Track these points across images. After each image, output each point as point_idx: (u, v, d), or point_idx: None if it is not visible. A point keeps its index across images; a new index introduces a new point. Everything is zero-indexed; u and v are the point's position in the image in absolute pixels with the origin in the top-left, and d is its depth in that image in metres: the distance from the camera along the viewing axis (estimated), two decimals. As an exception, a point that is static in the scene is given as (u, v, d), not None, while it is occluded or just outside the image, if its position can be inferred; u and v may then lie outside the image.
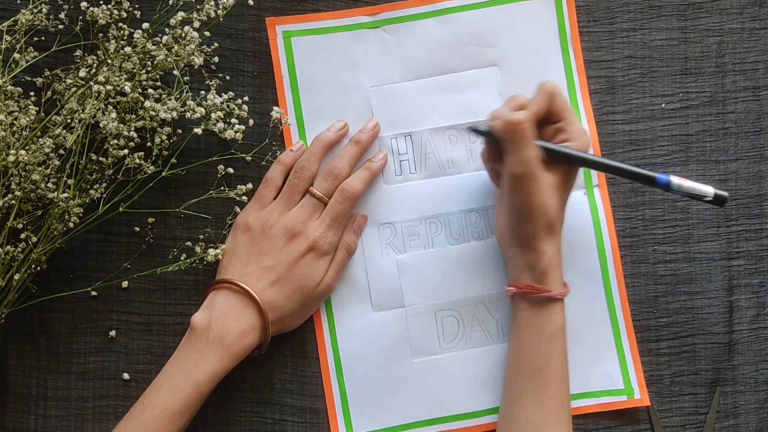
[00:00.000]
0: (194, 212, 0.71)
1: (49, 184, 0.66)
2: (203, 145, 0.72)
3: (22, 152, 0.63)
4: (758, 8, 0.74)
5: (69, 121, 0.65)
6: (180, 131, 0.70)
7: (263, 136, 0.72)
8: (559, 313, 0.66)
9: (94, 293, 0.71)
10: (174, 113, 0.66)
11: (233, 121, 0.68)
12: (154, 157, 0.68)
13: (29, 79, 0.70)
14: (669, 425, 0.72)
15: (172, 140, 0.69)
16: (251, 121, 0.71)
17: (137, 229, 0.71)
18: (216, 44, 0.71)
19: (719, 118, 0.74)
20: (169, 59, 0.66)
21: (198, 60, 0.67)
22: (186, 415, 0.64)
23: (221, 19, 0.68)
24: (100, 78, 0.65)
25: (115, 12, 0.67)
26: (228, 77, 0.72)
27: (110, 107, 0.66)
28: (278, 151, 0.72)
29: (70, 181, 0.66)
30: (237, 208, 0.71)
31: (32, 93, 0.69)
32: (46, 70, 0.70)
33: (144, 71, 0.67)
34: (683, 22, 0.74)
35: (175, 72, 0.67)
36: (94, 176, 0.67)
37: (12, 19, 0.66)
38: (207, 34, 0.69)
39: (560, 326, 0.66)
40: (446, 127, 0.72)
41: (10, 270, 0.65)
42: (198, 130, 0.66)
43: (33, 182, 0.65)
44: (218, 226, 0.71)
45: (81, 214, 0.66)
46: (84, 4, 0.67)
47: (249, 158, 0.72)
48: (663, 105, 0.74)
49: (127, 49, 0.66)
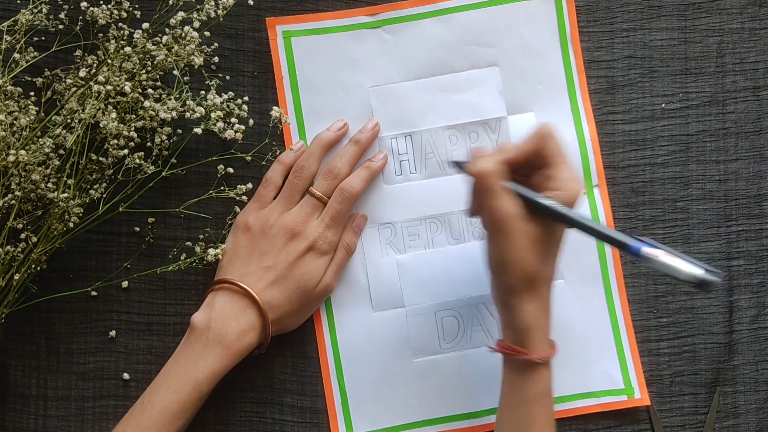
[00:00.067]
0: (194, 212, 0.71)
1: (49, 184, 0.66)
2: (203, 145, 0.72)
3: (22, 152, 0.63)
4: (758, 8, 0.74)
5: (69, 121, 0.65)
6: (180, 131, 0.70)
7: (263, 136, 0.72)
8: (542, 378, 0.60)
9: (94, 293, 0.71)
10: (174, 113, 0.66)
11: (233, 121, 0.68)
12: (154, 157, 0.68)
13: (29, 79, 0.70)
14: (669, 425, 0.72)
15: (172, 140, 0.69)
16: (251, 121, 0.71)
17: (137, 229, 0.71)
18: (216, 44, 0.71)
19: (719, 118, 0.74)
20: (169, 59, 0.66)
21: (198, 60, 0.67)
22: (185, 414, 0.64)
23: (221, 19, 0.68)
24: (100, 78, 0.65)
25: (115, 12, 0.67)
26: (228, 77, 0.72)
27: (110, 107, 0.66)
28: (278, 151, 0.72)
29: (70, 181, 0.66)
30: (237, 208, 0.71)
31: (32, 93, 0.69)
32: (46, 70, 0.70)
33: (144, 71, 0.67)
34: (683, 22, 0.74)
35: (175, 72, 0.67)
36: (94, 176, 0.67)
37: (12, 19, 0.66)
38: (207, 34, 0.69)
39: (542, 391, 0.60)
40: (446, 127, 0.72)
41: (10, 270, 0.65)
42: (198, 130, 0.66)
43: (33, 182, 0.65)
44: (218, 226, 0.71)
45: (81, 214, 0.66)
46: (84, 4, 0.67)
47: (249, 158, 0.72)
48: (663, 105, 0.74)
49: (127, 49, 0.66)
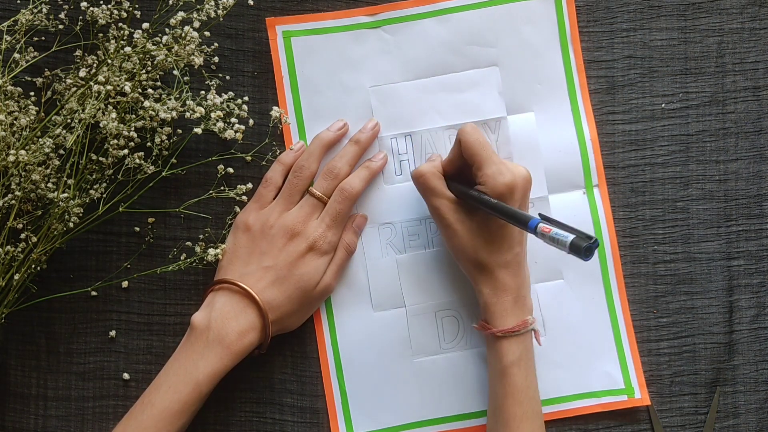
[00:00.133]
0: (194, 212, 0.71)
1: (49, 184, 0.66)
2: (203, 145, 0.72)
3: (22, 152, 0.63)
4: (758, 8, 0.74)
5: (69, 121, 0.65)
6: (180, 131, 0.70)
7: (263, 136, 0.72)
8: (508, 350, 0.64)
9: (94, 293, 0.71)
10: (174, 113, 0.66)
11: (233, 120, 0.68)
12: (154, 157, 0.68)
13: (29, 79, 0.70)
14: (669, 425, 0.72)
15: (172, 140, 0.69)
16: (251, 121, 0.71)
17: (137, 229, 0.71)
18: (216, 44, 0.71)
19: (719, 118, 0.74)
20: (169, 59, 0.66)
21: (198, 60, 0.67)
22: (186, 414, 0.64)
23: (221, 19, 0.68)
24: (100, 78, 0.65)
25: (115, 12, 0.67)
26: (228, 77, 0.72)
27: (110, 107, 0.66)
28: (278, 151, 0.72)
29: (70, 181, 0.66)
30: (237, 208, 0.71)
31: (32, 93, 0.69)
32: (46, 70, 0.70)
33: (144, 71, 0.67)
34: (683, 22, 0.74)
35: (175, 72, 0.67)
36: (94, 176, 0.67)
37: (12, 19, 0.66)
38: (207, 34, 0.69)
39: (509, 363, 0.64)
40: (446, 127, 0.72)
41: (10, 270, 0.65)
42: (198, 130, 0.66)
43: (33, 182, 0.65)
44: (218, 226, 0.71)
45: (81, 214, 0.66)
46: (84, 4, 0.67)
47: (249, 158, 0.72)
48: (663, 105, 0.74)
49: (127, 49, 0.66)
